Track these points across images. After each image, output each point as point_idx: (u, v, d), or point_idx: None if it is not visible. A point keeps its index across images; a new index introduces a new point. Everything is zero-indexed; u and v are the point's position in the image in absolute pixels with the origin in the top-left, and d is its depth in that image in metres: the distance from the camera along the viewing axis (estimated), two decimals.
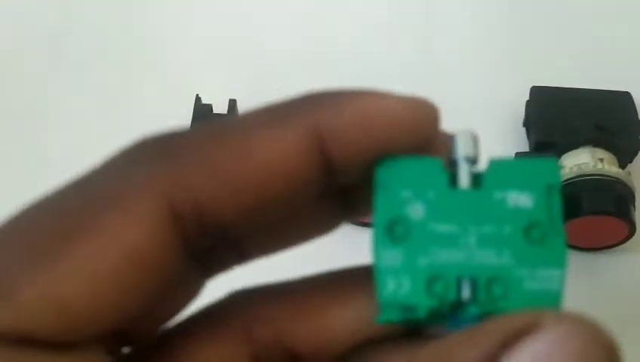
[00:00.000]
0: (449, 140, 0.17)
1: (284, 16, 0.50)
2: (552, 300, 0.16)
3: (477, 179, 0.17)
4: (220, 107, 0.42)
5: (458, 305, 0.16)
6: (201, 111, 0.42)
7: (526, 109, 0.43)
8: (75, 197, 0.15)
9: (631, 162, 0.41)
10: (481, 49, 0.48)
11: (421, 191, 0.17)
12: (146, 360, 0.17)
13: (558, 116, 0.41)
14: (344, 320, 0.17)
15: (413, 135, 0.16)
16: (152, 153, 0.15)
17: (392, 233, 0.16)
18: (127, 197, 0.14)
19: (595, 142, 0.40)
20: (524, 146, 0.43)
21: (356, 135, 0.16)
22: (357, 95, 0.16)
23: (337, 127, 0.16)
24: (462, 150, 0.17)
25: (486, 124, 0.44)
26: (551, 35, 0.48)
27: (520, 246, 0.16)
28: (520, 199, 0.16)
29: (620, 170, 0.39)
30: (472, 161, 0.17)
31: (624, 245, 0.39)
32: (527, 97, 0.43)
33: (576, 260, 0.40)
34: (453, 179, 0.17)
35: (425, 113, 0.17)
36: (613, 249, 0.40)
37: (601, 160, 0.39)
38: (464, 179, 0.17)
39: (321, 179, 0.16)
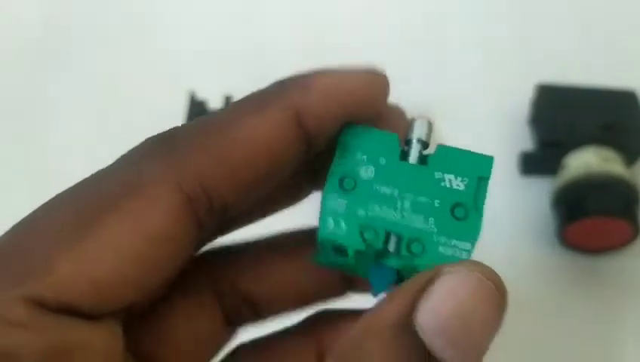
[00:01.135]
0: (406, 121, 0.21)
1: (282, 11, 0.50)
2: None
3: (424, 159, 0.20)
4: (215, 103, 0.42)
5: (382, 255, 0.19)
6: (196, 107, 0.41)
7: (531, 108, 0.42)
8: (97, 187, 0.17)
9: (636, 161, 0.40)
10: (484, 46, 0.48)
11: (375, 158, 0.20)
12: (139, 328, 0.19)
13: (563, 115, 0.41)
14: (292, 274, 0.20)
15: (369, 101, 0.19)
16: (158, 148, 0.18)
17: (342, 185, 0.20)
18: (143, 186, 0.17)
19: (600, 142, 0.40)
20: (527, 145, 0.42)
21: (324, 107, 0.19)
22: (320, 75, 0.19)
23: (307, 104, 0.19)
24: (416, 133, 0.20)
25: (489, 122, 0.44)
26: (556, 33, 0.48)
27: (444, 218, 0.19)
28: (454, 182, 0.20)
29: (625, 170, 0.39)
30: (424, 143, 0.20)
31: (629, 247, 0.39)
32: (531, 95, 0.42)
33: (581, 263, 0.39)
34: (404, 155, 0.20)
35: (377, 82, 0.20)
36: (618, 251, 0.39)
37: (607, 159, 0.39)
38: (413, 156, 0.20)
39: (302, 150, 0.19)
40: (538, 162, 0.41)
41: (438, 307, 0.16)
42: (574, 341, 0.37)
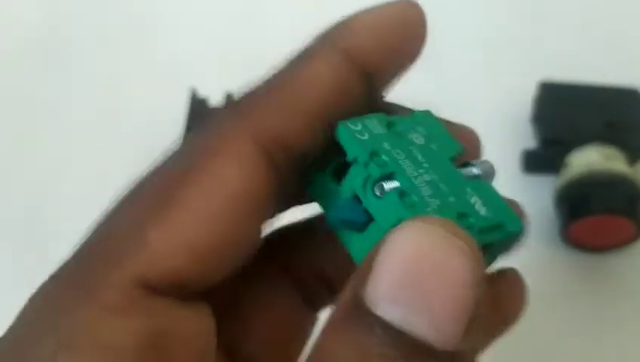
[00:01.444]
0: (479, 144, 0.22)
1: (283, 7, 0.50)
2: None
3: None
4: (216, 101, 0.42)
5: (371, 185, 0.18)
6: (197, 104, 0.41)
7: (533, 105, 0.42)
8: (176, 158, 0.17)
9: (639, 159, 0.40)
10: (487, 43, 0.48)
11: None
12: (221, 321, 0.18)
13: (566, 113, 0.41)
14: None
15: (409, 28, 0.20)
16: (228, 113, 0.18)
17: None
18: (224, 147, 0.17)
19: (604, 140, 0.39)
20: (530, 143, 0.42)
21: (371, 41, 0.19)
22: (359, 14, 0.20)
23: (354, 42, 0.19)
24: (481, 168, 0.21)
25: (492, 120, 0.44)
26: (559, 30, 0.48)
27: (447, 200, 0.18)
28: (478, 204, 0.18)
29: (629, 168, 0.39)
30: (478, 176, 0.20)
31: (633, 245, 0.39)
32: (533, 93, 0.42)
33: (584, 261, 0.39)
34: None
35: (412, 9, 0.20)
36: (622, 250, 0.39)
37: (610, 157, 0.39)
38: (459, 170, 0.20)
39: (363, 89, 0.19)
40: (541, 160, 0.41)
41: (381, 271, 0.14)
42: (577, 339, 0.37)
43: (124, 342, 0.14)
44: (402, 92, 0.44)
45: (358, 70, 0.19)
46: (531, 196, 0.41)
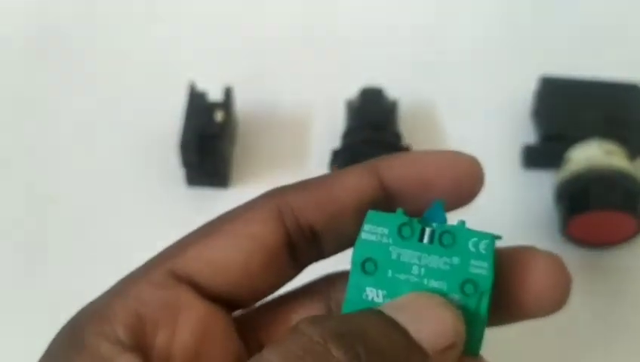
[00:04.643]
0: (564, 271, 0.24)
1: (282, 1, 0.49)
2: None
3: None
4: (215, 95, 0.42)
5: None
6: (196, 98, 0.41)
7: (534, 100, 0.42)
8: (230, 211, 0.24)
9: None
10: (487, 38, 0.47)
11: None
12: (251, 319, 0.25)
13: (567, 108, 0.41)
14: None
15: (451, 180, 0.24)
16: (270, 191, 0.24)
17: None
18: (255, 208, 0.24)
19: (604, 135, 0.39)
20: (530, 138, 0.42)
21: (402, 174, 0.24)
22: (406, 152, 0.25)
23: (388, 171, 0.24)
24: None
25: (492, 115, 0.44)
26: (559, 25, 0.48)
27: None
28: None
29: (629, 164, 0.39)
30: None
31: (633, 241, 0.39)
32: (534, 87, 0.42)
33: (584, 257, 0.39)
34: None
35: (461, 162, 0.24)
36: (622, 245, 0.39)
37: (610, 152, 0.39)
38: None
39: (382, 203, 0.24)
40: (541, 155, 0.41)
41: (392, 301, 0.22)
42: (577, 335, 0.37)
43: (148, 301, 0.22)
44: (404, 90, 0.44)
45: (383, 191, 0.24)
46: (531, 191, 0.41)
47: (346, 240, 0.24)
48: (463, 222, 0.22)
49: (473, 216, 0.24)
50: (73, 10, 0.49)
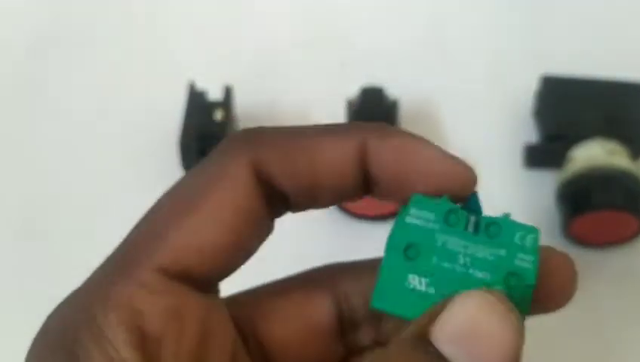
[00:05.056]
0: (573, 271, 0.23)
1: (281, 1, 0.49)
2: None
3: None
4: (215, 94, 0.41)
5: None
6: (195, 97, 0.41)
7: (535, 100, 0.42)
8: (197, 175, 0.22)
9: None
10: (489, 38, 0.47)
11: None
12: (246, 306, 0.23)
13: (569, 107, 0.41)
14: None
15: (429, 174, 0.22)
16: (243, 142, 0.22)
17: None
18: (231, 170, 0.21)
19: (606, 134, 0.39)
20: (532, 137, 0.42)
21: (391, 164, 0.21)
22: (401, 133, 0.22)
23: (378, 150, 0.21)
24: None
25: (494, 114, 0.44)
26: (561, 25, 0.48)
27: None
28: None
29: (631, 163, 0.38)
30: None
31: (635, 241, 0.39)
32: (536, 87, 0.42)
33: (586, 257, 0.39)
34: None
35: (467, 176, 0.22)
36: (624, 245, 0.39)
37: (612, 152, 0.39)
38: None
39: (357, 184, 0.22)
40: (543, 155, 0.41)
41: (449, 318, 0.19)
42: (579, 335, 0.37)
43: (146, 312, 0.20)
44: (404, 90, 0.44)
45: (362, 169, 0.22)
46: (533, 191, 0.41)
47: (315, 205, 0.23)
48: (508, 214, 0.21)
49: None
50: (73, 10, 0.49)
